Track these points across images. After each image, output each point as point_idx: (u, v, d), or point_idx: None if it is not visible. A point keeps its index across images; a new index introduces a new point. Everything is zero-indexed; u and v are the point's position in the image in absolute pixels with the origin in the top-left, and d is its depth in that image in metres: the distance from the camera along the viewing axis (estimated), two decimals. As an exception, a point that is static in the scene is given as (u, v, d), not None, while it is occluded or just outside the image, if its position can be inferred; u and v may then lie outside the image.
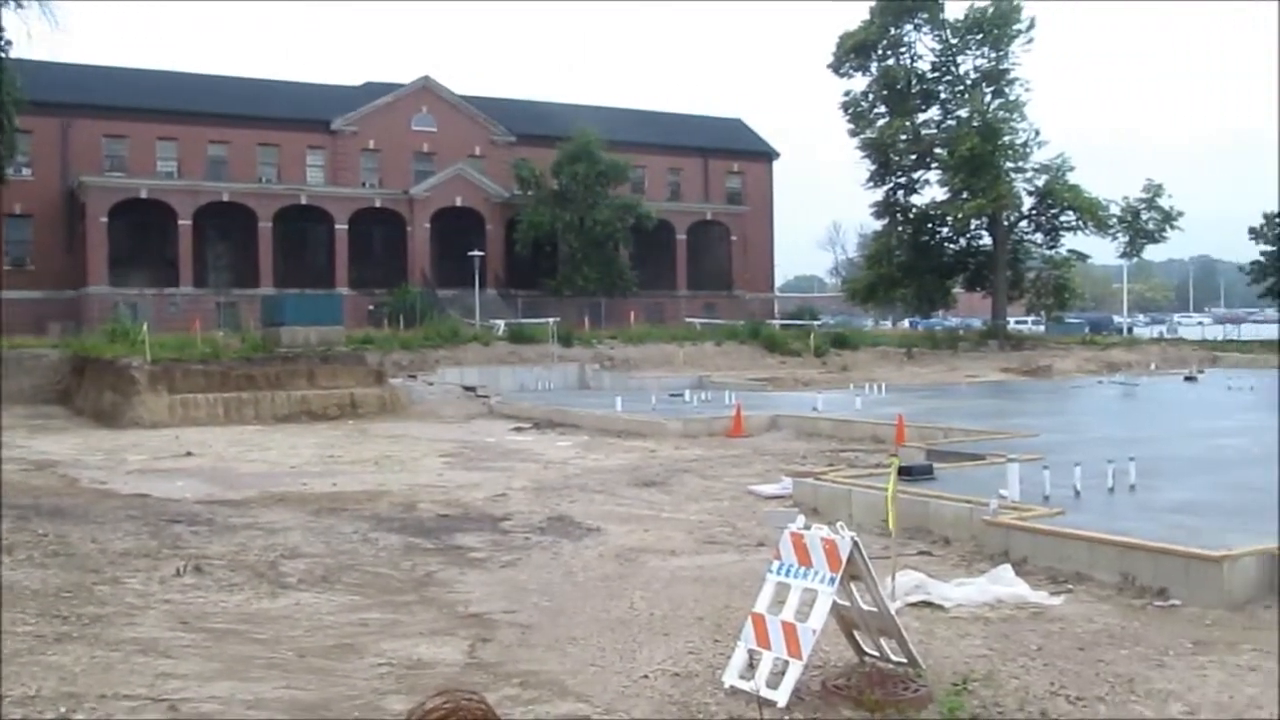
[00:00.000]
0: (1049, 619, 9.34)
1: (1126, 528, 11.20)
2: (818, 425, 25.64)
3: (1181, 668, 8.01)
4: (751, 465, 20.20)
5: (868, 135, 58.93)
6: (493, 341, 43.59)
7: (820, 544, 7.31)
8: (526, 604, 10.19)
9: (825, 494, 14.61)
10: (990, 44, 57.45)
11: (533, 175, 61.83)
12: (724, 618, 9.38)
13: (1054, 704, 7.27)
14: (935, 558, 11.83)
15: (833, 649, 8.15)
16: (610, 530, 13.87)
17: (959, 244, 61.23)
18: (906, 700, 7.19)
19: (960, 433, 22.06)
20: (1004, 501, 12.31)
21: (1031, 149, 57.68)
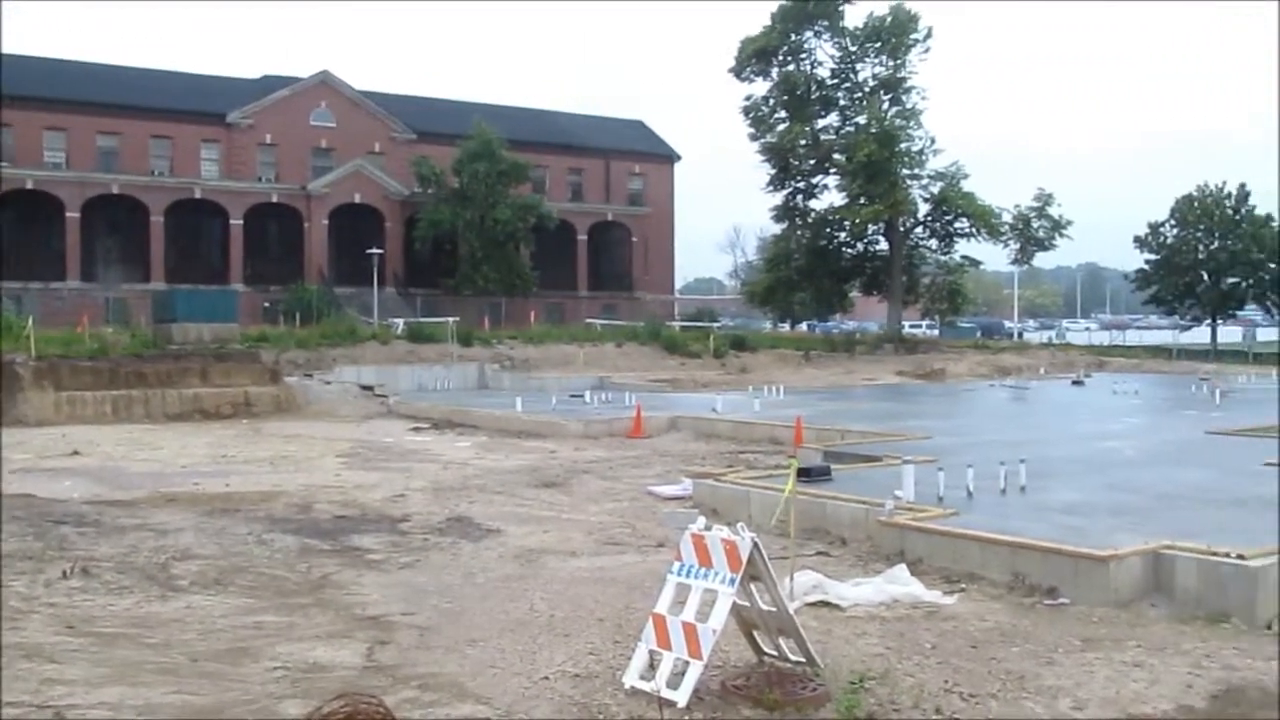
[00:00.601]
0: (943, 618, 9.51)
1: (1017, 528, 11.45)
2: (717, 427, 25.81)
3: (1070, 665, 8.21)
4: (651, 466, 20.27)
5: (768, 140, 59.50)
6: (391, 340, 43.16)
7: (721, 545, 7.35)
8: (425, 606, 10.09)
9: (725, 495, 14.70)
10: (888, 52, 58.40)
11: (433, 173, 61.34)
12: (624, 618, 9.39)
13: (948, 701, 7.40)
14: (833, 558, 11.98)
15: (732, 649, 8.20)
16: (510, 531, 13.81)
17: (856, 249, 62.13)
18: (805, 699, 7.27)
19: (857, 434, 22.37)
20: (899, 502, 12.50)
21: (927, 156, 58.84)
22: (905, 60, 58.68)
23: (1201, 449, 20.02)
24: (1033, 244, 60.92)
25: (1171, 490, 14.67)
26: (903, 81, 58.88)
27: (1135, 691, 7.61)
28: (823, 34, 59.48)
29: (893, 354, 54.69)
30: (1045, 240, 60.80)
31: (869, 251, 62.08)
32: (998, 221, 59.06)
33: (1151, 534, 10.95)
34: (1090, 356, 57.97)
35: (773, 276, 62.73)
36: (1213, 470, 16.80)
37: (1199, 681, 7.81)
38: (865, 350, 55.70)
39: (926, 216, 60.13)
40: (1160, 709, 7.29)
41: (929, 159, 58.84)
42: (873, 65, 59.40)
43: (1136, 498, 14.04)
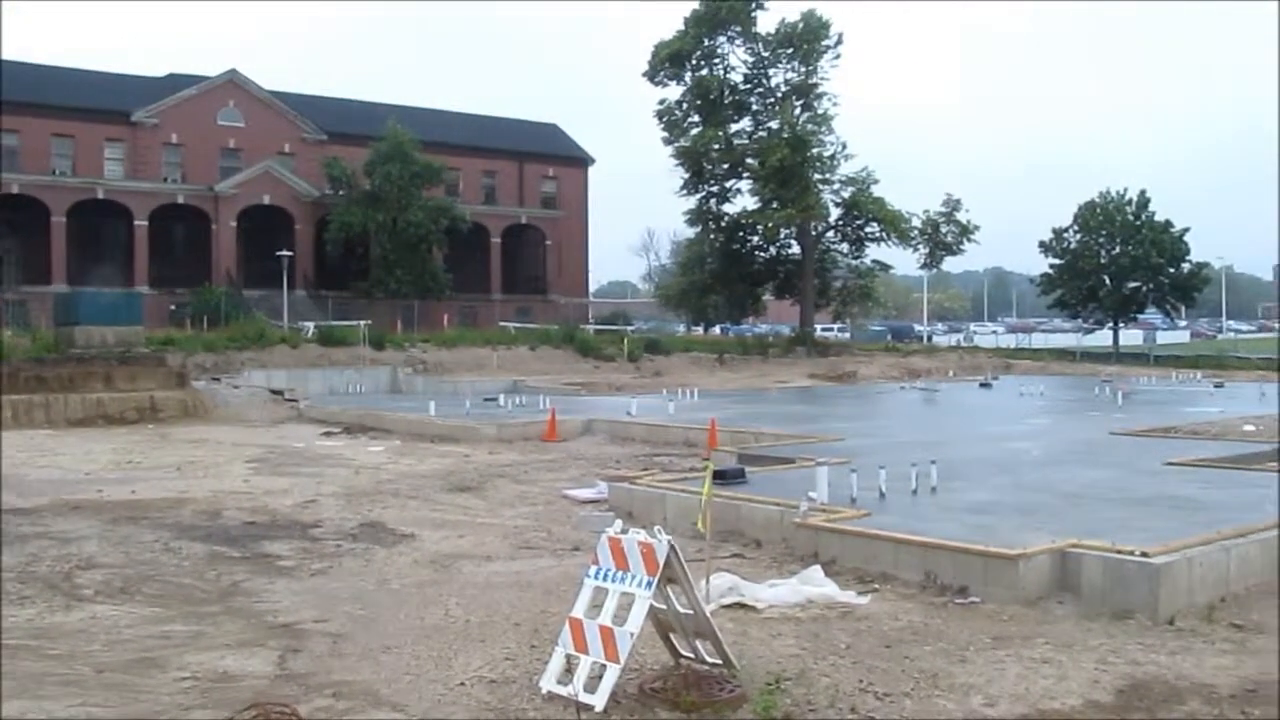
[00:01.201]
0: (857, 618, 9.60)
1: (929, 528, 11.60)
2: (631, 430, 25.83)
3: (981, 662, 8.33)
4: (566, 470, 20.22)
5: (681, 144, 59.78)
6: (301, 344, 42.61)
7: (637, 548, 7.35)
8: (338, 612, 9.96)
9: (640, 498, 14.71)
10: (800, 58, 59.02)
11: (344, 175, 60.67)
12: (541, 623, 9.35)
13: (863, 700, 7.47)
14: (748, 560, 12.03)
15: (649, 652, 8.20)
16: (424, 536, 13.68)
17: (769, 252, 62.74)
18: (722, 700, 7.29)
19: (771, 437, 22.54)
20: (813, 504, 12.59)
21: (839, 162, 59.56)
22: (817, 66, 59.33)
23: (1105, 449, 20.46)
24: (941, 248, 62.06)
25: (1077, 490, 14.96)
26: (814, 87, 59.55)
27: (1045, 688, 7.74)
28: (736, 39, 59.93)
29: (805, 357, 55.25)
30: (953, 245, 61.96)
31: (781, 255, 62.73)
32: (907, 226, 60.04)
33: (1058, 533, 11.15)
34: (997, 359, 59.09)
35: (686, 280, 63.06)
36: (1116, 470, 17.17)
37: (1105, 677, 7.98)
38: (778, 353, 56.20)
39: (838, 221, 60.85)
40: (1069, 704, 7.43)
41: (840, 164, 59.65)
42: (785, 71, 60.07)
43: (1044, 497, 14.30)
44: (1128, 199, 67.40)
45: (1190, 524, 11.81)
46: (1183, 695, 7.61)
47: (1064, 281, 68.52)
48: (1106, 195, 68.07)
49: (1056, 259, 68.99)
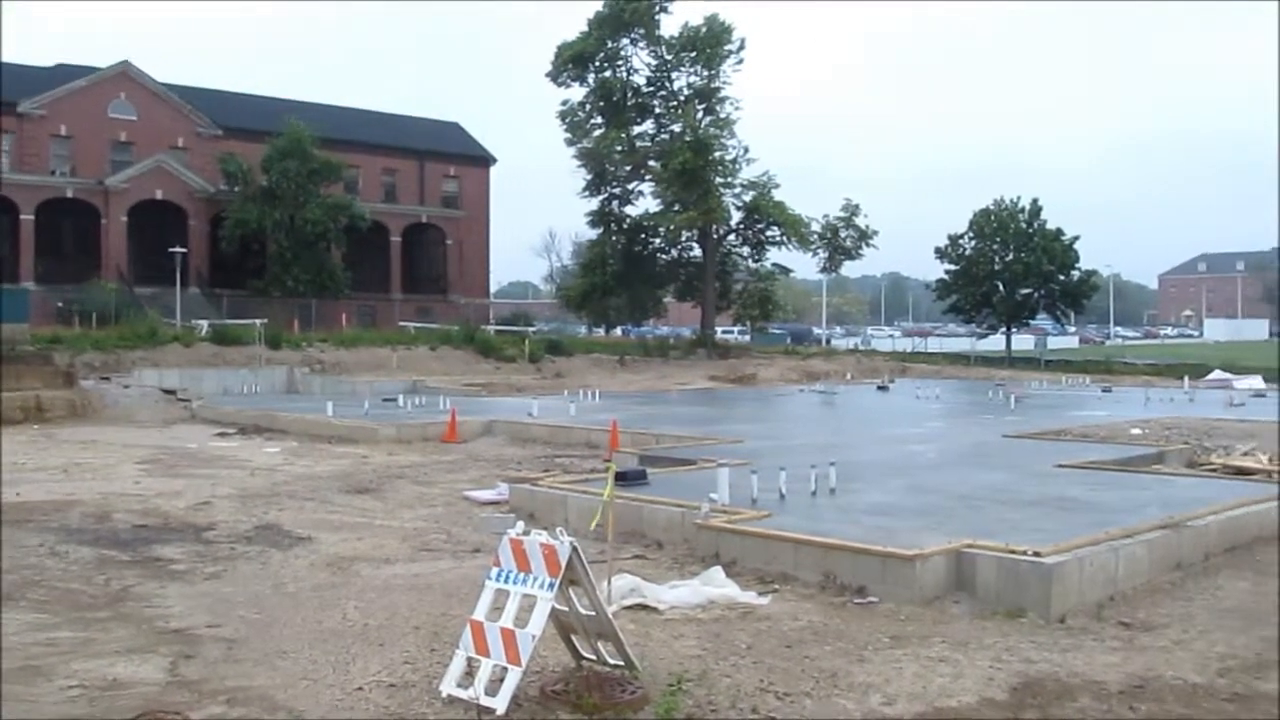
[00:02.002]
0: (758, 618, 9.66)
1: (828, 529, 11.73)
2: (532, 431, 25.73)
3: (880, 661, 8.44)
4: (467, 471, 20.07)
5: (584, 145, 59.72)
6: (195, 343, 41.71)
7: (540, 549, 7.30)
8: (233, 617, 9.74)
9: (541, 499, 14.65)
10: (703, 62, 59.29)
11: (240, 170, 59.47)
12: (441, 626, 9.26)
13: (764, 700, 7.51)
14: (650, 561, 12.04)
15: (551, 654, 8.16)
16: (322, 539, 13.46)
17: (671, 255, 62.96)
18: (624, 702, 7.28)
19: (672, 438, 22.61)
20: (714, 505, 12.65)
21: (740, 166, 59.92)
22: (719, 70, 59.67)
23: (999, 451, 20.89)
24: (840, 253, 62.80)
25: (971, 491, 15.24)
26: (717, 91, 59.88)
27: (941, 686, 7.86)
28: (639, 42, 60.00)
29: (706, 359, 55.55)
30: (852, 249, 62.75)
31: (683, 258, 62.99)
32: (807, 231, 60.63)
33: (954, 533, 11.35)
34: (894, 362, 60.02)
35: (588, 281, 62.98)
36: (1009, 472, 17.53)
37: (1000, 675, 8.12)
38: (679, 355, 56.45)
39: (739, 224, 61.24)
40: (965, 702, 7.55)
41: (742, 168, 60.01)
42: (688, 74, 60.28)
43: (939, 498, 14.54)
44: (1021, 207, 68.85)
45: (1080, 525, 12.09)
46: (1074, 692, 7.78)
47: (959, 287, 69.77)
48: (1001, 203, 69.45)
49: (952, 265, 70.22)
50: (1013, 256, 67.94)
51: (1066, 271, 67.76)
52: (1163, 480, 16.70)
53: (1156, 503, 13.84)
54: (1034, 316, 74.28)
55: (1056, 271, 67.35)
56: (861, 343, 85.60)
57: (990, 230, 68.69)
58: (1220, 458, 20.39)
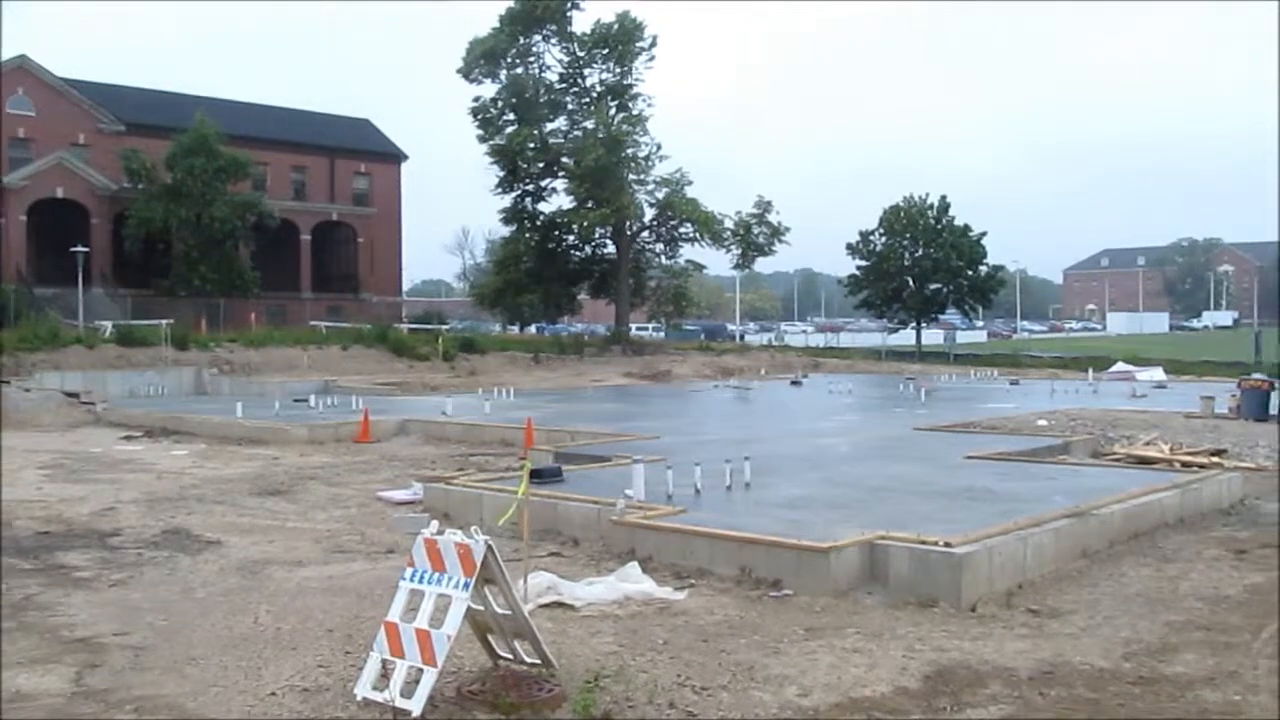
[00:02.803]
0: (674, 613, 9.68)
1: (743, 523, 11.79)
2: (447, 430, 25.55)
3: (795, 653, 8.50)
4: (380, 471, 19.87)
5: (496, 142, 59.41)
6: (99, 344, 40.72)
7: (454, 549, 7.25)
8: (140, 624, 9.53)
9: (456, 498, 14.56)
10: (615, 59, 59.31)
11: (144, 168, 58.09)
12: (355, 628, 9.15)
13: (681, 695, 7.53)
14: (566, 558, 12.02)
15: (468, 654, 8.11)
16: (232, 542, 13.23)
17: (585, 252, 62.86)
18: (541, 700, 7.25)
19: (587, 436, 22.59)
20: (630, 501, 12.66)
21: (653, 163, 60.02)
22: (632, 67, 59.74)
23: (910, 444, 21.19)
24: (753, 249, 63.16)
25: (884, 483, 15.44)
26: (629, 88, 59.95)
27: (856, 676, 7.95)
28: (551, 38, 59.86)
29: (621, 356, 55.57)
30: (765, 246, 63.14)
31: (597, 255, 62.94)
32: (720, 227, 60.90)
33: (867, 525, 11.48)
34: (807, 358, 60.58)
35: (501, 279, 62.70)
36: (921, 464, 17.78)
37: (913, 664, 8.24)
38: (594, 352, 56.40)
39: (652, 221, 61.36)
40: (879, 692, 7.64)
41: (655, 165, 60.12)
42: (600, 71, 60.27)
43: (853, 491, 14.71)
44: (930, 204, 69.86)
45: (989, 515, 12.32)
46: (985, 679, 7.91)
47: (870, 283, 70.58)
48: (910, 200, 70.41)
49: (863, 261, 71.01)
50: (922, 252, 68.91)
51: (974, 267, 68.88)
52: (1069, 470, 17.07)
53: (1063, 492, 14.13)
54: (943, 311, 75.42)
55: (965, 267, 68.43)
56: (775, 338, 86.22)
57: (900, 227, 69.59)
58: (1124, 448, 20.92)
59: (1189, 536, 13.34)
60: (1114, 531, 12.70)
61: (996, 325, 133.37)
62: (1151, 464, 18.78)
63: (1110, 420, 24.87)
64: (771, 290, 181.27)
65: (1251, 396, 26.23)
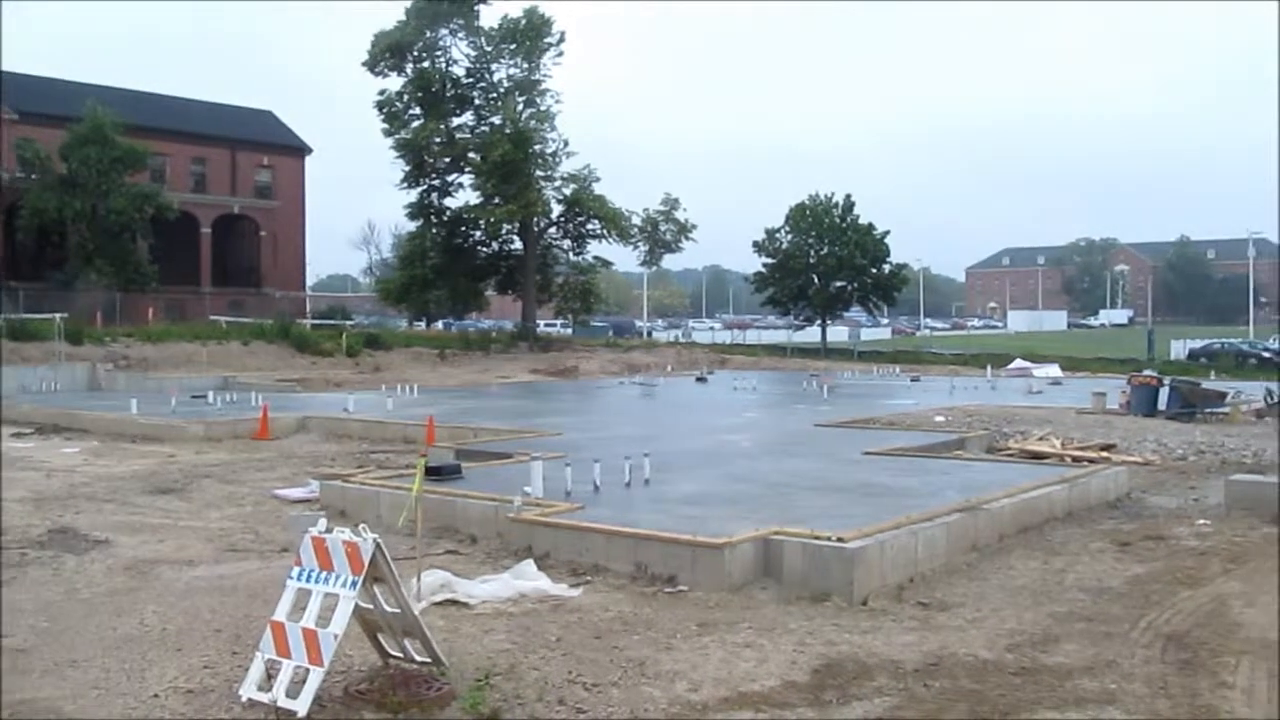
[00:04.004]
0: (569, 610, 9.69)
1: (640, 520, 11.84)
2: (348, 427, 25.28)
3: (687, 649, 8.55)
4: (278, 469, 19.59)
5: (402, 136, 58.92)
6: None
7: (342, 547, 7.17)
8: (21, 626, 9.27)
9: (353, 496, 14.40)
10: (523, 54, 59.11)
11: (37, 157, 56.50)
12: (244, 628, 9.01)
13: (571, 691, 7.53)
14: (463, 556, 11.95)
15: (357, 653, 8.03)
16: (121, 542, 12.94)
17: (492, 248, 62.64)
18: (429, 699, 7.20)
19: (490, 432, 22.49)
20: (528, 498, 12.64)
21: (561, 159, 60.00)
22: (539, 63, 59.60)
23: (810, 440, 21.42)
24: (660, 246, 63.48)
25: (782, 479, 15.59)
26: (537, 84, 59.80)
27: (746, 671, 8.02)
28: (458, 32, 59.53)
29: (527, 352, 55.48)
30: (672, 243, 63.47)
31: (504, 251, 62.72)
32: (628, 224, 61.11)
33: (763, 521, 11.58)
34: (714, 354, 60.97)
35: (407, 274, 62.18)
36: (819, 460, 18.00)
37: (802, 658, 8.33)
38: (501, 349, 56.20)
39: (560, 218, 61.32)
40: (768, 686, 7.71)
41: (562, 161, 60.10)
42: (508, 66, 60.04)
43: (751, 487, 14.83)
44: (835, 202, 70.69)
45: (884, 510, 12.48)
46: (872, 672, 8.03)
47: (776, 280, 71.26)
48: (815, 198, 71.19)
49: (769, 258, 71.66)
50: (827, 250, 69.72)
51: (878, 265, 69.88)
52: (962, 465, 17.39)
53: (956, 487, 14.39)
54: (848, 308, 76.45)
55: (869, 265, 69.40)
56: (682, 335, 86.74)
57: (805, 225, 70.35)
58: (1017, 443, 21.37)
59: (1076, 529, 13.67)
60: (1004, 525, 12.97)
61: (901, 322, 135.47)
62: (1043, 459, 19.20)
63: (1006, 416, 25.38)
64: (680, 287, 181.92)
65: (1141, 393, 26.96)
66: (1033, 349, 66.62)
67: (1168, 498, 16.22)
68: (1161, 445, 21.11)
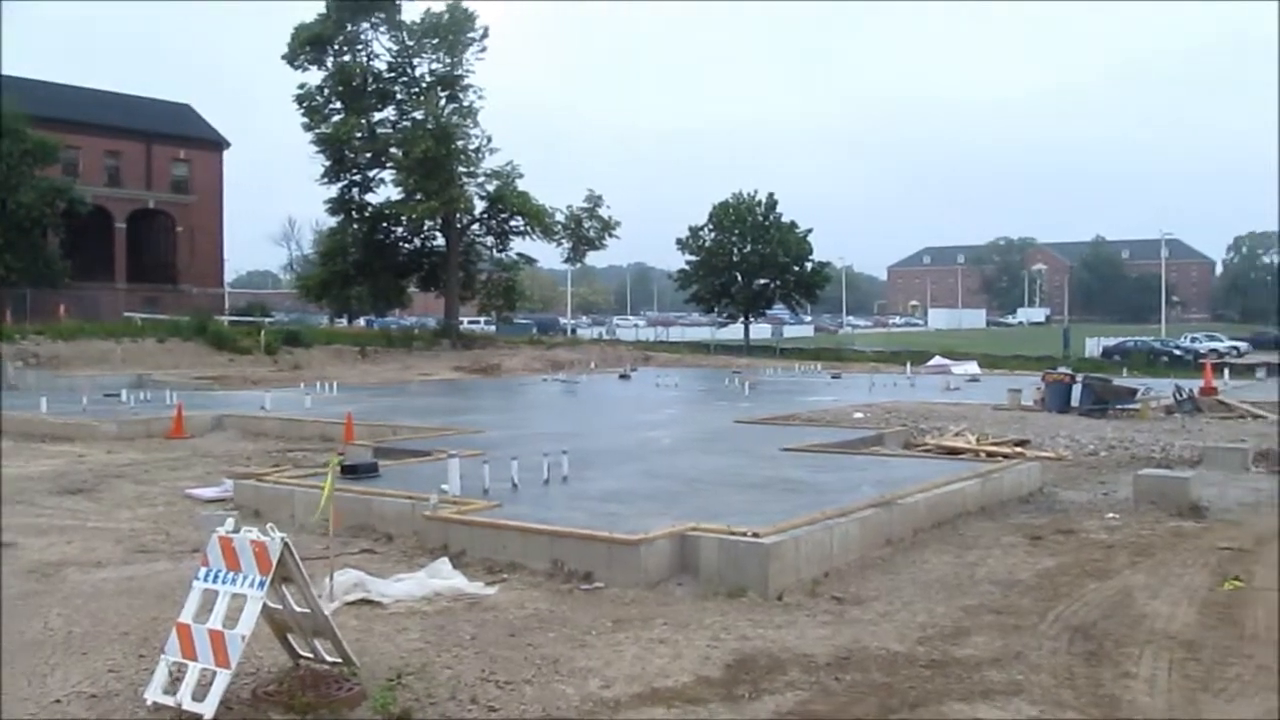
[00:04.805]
0: (484, 608, 9.63)
1: (558, 517, 11.81)
2: (265, 425, 24.96)
3: (601, 645, 8.55)
4: (192, 468, 19.27)
5: (323, 130, 58.20)
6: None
7: (250, 547, 7.07)
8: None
9: (268, 495, 14.21)
10: (445, 49, 58.68)
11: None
12: (151, 631, 8.84)
13: (484, 690, 7.49)
14: (378, 555, 11.84)
15: (268, 655, 7.93)
16: (26, 544, 12.63)
17: (414, 244, 62.17)
18: (338, 700, 7.12)
19: (409, 430, 22.33)
20: (445, 496, 12.56)
21: (484, 155, 59.67)
22: (462, 58, 59.21)
23: (729, 436, 21.54)
24: (584, 243, 63.38)
25: (700, 476, 15.65)
26: (460, 79, 59.41)
27: (659, 667, 8.03)
28: (380, 26, 58.94)
29: (450, 350, 55.16)
30: (596, 240, 63.40)
31: (426, 247, 62.26)
32: (551, 221, 60.94)
33: (681, 517, 11.60)
34: (638, 351, 61.11)
35: (328, 270, 61.48)
36: (738, 456, 18.08)
37: (716, 653, 8.36)
38: (423, 346, 55.82)
39: (483, 214, 61.03)
40: (681, 681, 7.73)
41: (485, 157, 59.80)
42: (430, 61, 59.56)
43: (670, 484, 14.87)
44: (757, 200, 71.15)
45: (800, 505, 12.58)
46: (785, 666, 8.08)
47: (699, 278, 71.62)
48: (739, 196, 71.60)
49: (693, 256, 71.97)
50: (750, 248, 70.20)
51: (801, 263, 70.50)
52: (879, 461, 17.57)
53: (872, 483, 14.53)
54: (771, 306, 77.04)
55: (792, 263, 69.99)
56: (606, 332, 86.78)
57: (729, 223, 70.77)
58: (933, 439, 21.63)
59: (989, 524, 13.87)
60: (918, 520, 13.13)
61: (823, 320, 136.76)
62: (959, 454, 19.46)
63: (923, 412, 25.71)
64: (605, 284, 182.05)
65: (1055, 390, 27.47)
66: (952, 347, 67.60)
67: (1078, 492, 16.51)
68: (1074, 441, 21.50)
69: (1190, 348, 66.41)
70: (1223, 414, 26.61)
